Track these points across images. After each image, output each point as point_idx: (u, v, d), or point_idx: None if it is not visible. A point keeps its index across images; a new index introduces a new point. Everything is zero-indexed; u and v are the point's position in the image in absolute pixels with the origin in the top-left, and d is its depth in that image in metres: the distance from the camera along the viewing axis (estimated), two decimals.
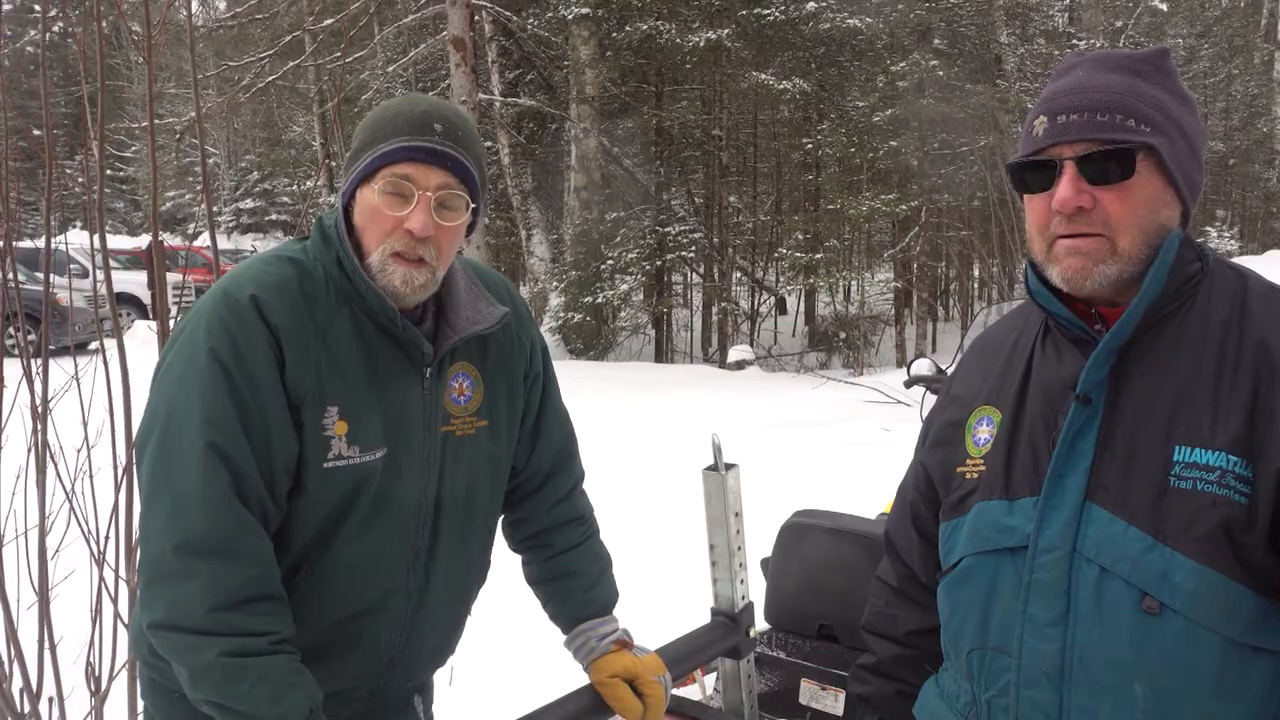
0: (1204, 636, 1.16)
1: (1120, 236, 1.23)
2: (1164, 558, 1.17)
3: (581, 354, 14.70)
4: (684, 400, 9.91)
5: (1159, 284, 1.23)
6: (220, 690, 1.35)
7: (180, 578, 1.37)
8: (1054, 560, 1.23)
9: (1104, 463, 1.23)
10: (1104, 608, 1.19)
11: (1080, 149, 1.23)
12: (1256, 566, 1.16)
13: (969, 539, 1.33)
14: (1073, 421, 1.26)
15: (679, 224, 15.70)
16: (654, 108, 15.71)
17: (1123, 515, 1.20)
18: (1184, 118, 1.27)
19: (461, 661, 3.70)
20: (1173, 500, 1.18)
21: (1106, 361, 1.26)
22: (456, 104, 1.68)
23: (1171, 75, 1.29)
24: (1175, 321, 1.26)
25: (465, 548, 1.68)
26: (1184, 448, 1.19)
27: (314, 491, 1.48)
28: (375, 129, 1.50)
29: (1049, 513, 1.24)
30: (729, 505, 2.06)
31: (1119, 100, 1.24)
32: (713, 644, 2.08)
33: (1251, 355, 1.20)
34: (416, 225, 1.46)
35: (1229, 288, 1.27)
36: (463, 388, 1.64)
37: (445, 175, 1.48)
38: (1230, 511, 1.15)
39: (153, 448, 1.43)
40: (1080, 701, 1.21)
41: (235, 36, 19.47)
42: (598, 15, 14.35)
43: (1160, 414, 1.22)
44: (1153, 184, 1.24)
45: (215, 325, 1.43)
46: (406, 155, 1.46)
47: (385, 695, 1.68)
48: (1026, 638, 1.25)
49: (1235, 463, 1.16)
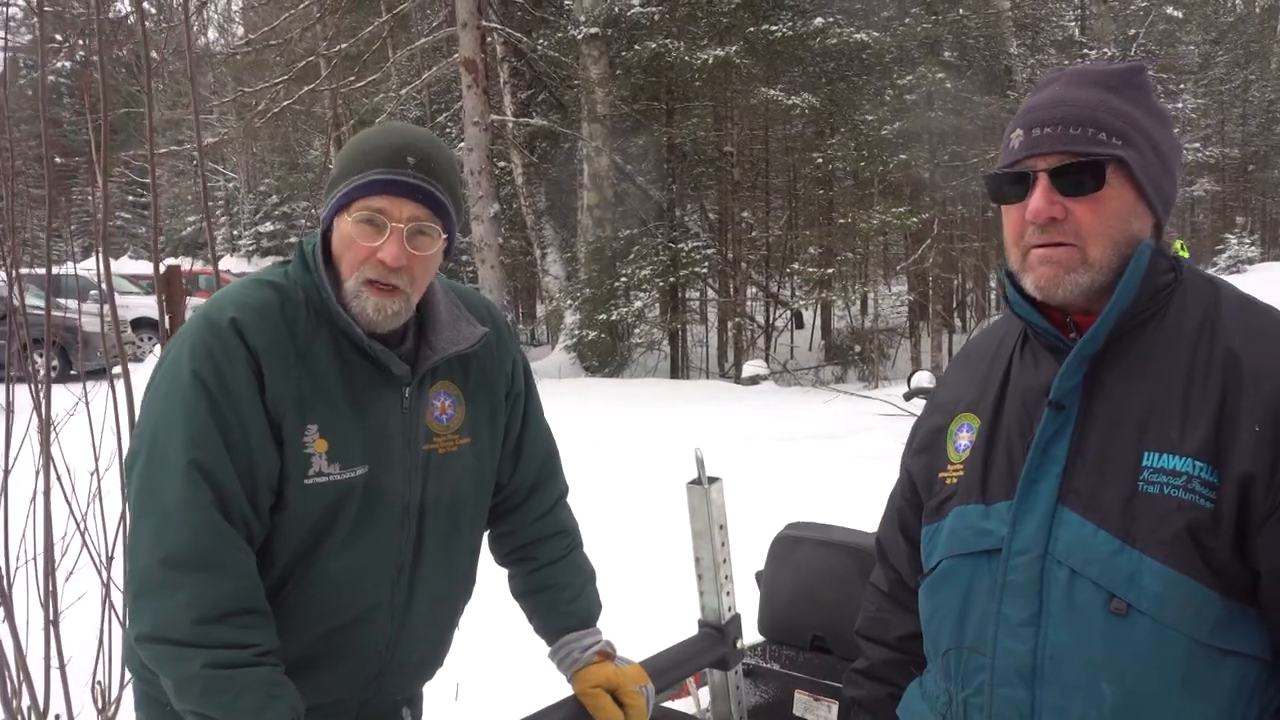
0: (1171, 637, 1.19)
1: (1091, 246, 1.27)
2: (1132, 560, 1.20)
3: (597, 371, 14.75)
4: (696, 415, 9.93)
5: (1130, 293, 1.26)
6: (204, 701, 1.40)
7: (166, 591, 1.42)
8: (1027, 562, 1.26)
9: (1076, 467, 1.26)
10: (1074, 609, 1.23)
11: (1053, 161, 1.27)
12: (1223, 570, 1.19)
13: (947, 542, 1.37)
14: (1045, 427, 1.29)
15: (692, 240, 15.76)
16: (665, 125, 15.79)
17: (1093, 519, 1.23)
18: (1156, 132, 1.31)
19: (467, 676, 3.75)
20: (1141, 504, 1.21)
21: (1079, 368, 1.29)
22: (434, 134, 1.73)
23: (1145, 90, 1.33)
24: (1148, 330, 1.29)
25: (449, 563, 1.72)
26: (1153, 453, 1.22)
27: (295, 507, 1.52)
28: (351, 160, 1.54)
29: (1022, 516, 1.28)
30: (713, 518, 2.09)
31: (1091, 114, 1.27)
32: (699, 655, 2.11)
33: (1221, 364, 1.23)
34: (389, 256, 1.50)
35: (1202, 297, 1.30)
36: (445, 406, 1.68)
37: (417, 207, 1.52)
38: (1196, 516, 1.18)
39: (140, 466, 1.49)
40: (1052, 700, 1.24)
41: (252, 62, 19.74)
42: (607, 35, 14.47)
43: (1131, 420, 1.25)
44: (1124, 196, 1.28)
45: (198, 347, 1.49)
46: (380, 188, 1.51)
47: (373, 707, 1.71)
48: (1000, 638, 1.28)
49: (1202, 468, 1.19)
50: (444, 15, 16.49)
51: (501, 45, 16.52)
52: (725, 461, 7.77)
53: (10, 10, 7.33)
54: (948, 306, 19.30)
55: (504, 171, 17.24)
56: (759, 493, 6.25)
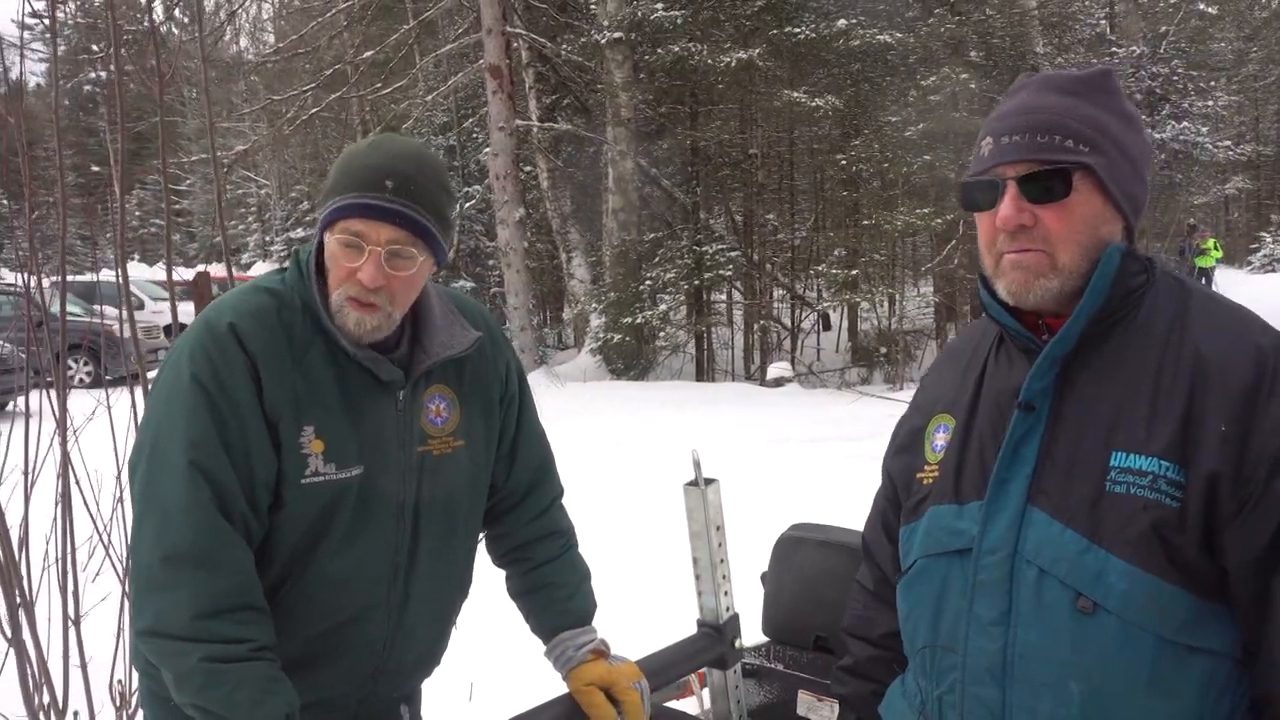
0: (1137, 635, 1.20)
1: (1060, 252, 1.29)
2: (1099, 559, 1.22)
3: (622, 373, 14.79)
4: (718, 417, 9.95)
5: (1099, 295, 1.28)
6: (202, 694, 1.45)
7: (166, 587, 1.47)
8: (996, 561, 1.28)
9: (1046, 468, 1.28)
10: (1042, 607, 1.25)
11: (1021, 169, 1.29)
12: (1190, 568, 1.20)
13: (922, 541, 1.39)
14: (1015, 428, 1.31)
15: (717, 243, 15.76)
16: (689, 128, 15.81)
17: (1061, 518, 1.25)
18: (1124, 136, 1.32)
19: (480, 676, 3.80)
20: (1108, 504, 1.23)
21: (1050, 370, 1.31)
22: (422, 151, 1.76)
23: (1113, 95, 1.34)
24: (1119, 331, 1.30)
25: (445, 563, 1.76)
26: (1121, 453, 1.23)
27: (293, 507, 1.57)
28: (338, 178, 1.59)
29: (992, 516, 1.30)
30: (710, 519, 2.12)
31: (1059, 121, 1.29)
32: (697, 654, 2.14)
33: (1189, 364, 1.24)
34: (366, 277, 1.55)
35: (1172, 298, 1.31)
36: (440, 409, 1.73)
37: (395, 230, 1.55)
38: (1161, 515, 1.20)
39: (143, 466, 1.55)
40: (1021, 698, 1.26)
41: (281, 70, 19.98)
42: (631, 39, 14.50)
43: (1100, 421, 1.27)
44: (1091, 202, 1.30)
45: (197, 352, 1.54)
46: (358, 211, 1.55)
47: (371, 704, 1.75)
48: (972, 636, 1.30)
49: (1168, 467, 1.21)
50: (469, 21, 16.61)
51: (526, 50, 16.61)
52: (745, 464, 7.81)
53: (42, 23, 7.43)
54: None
55: (529, 176, 17.33)
56: (774, 494, 6.27)
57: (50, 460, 2.87)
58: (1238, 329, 1.27)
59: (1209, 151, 17.94)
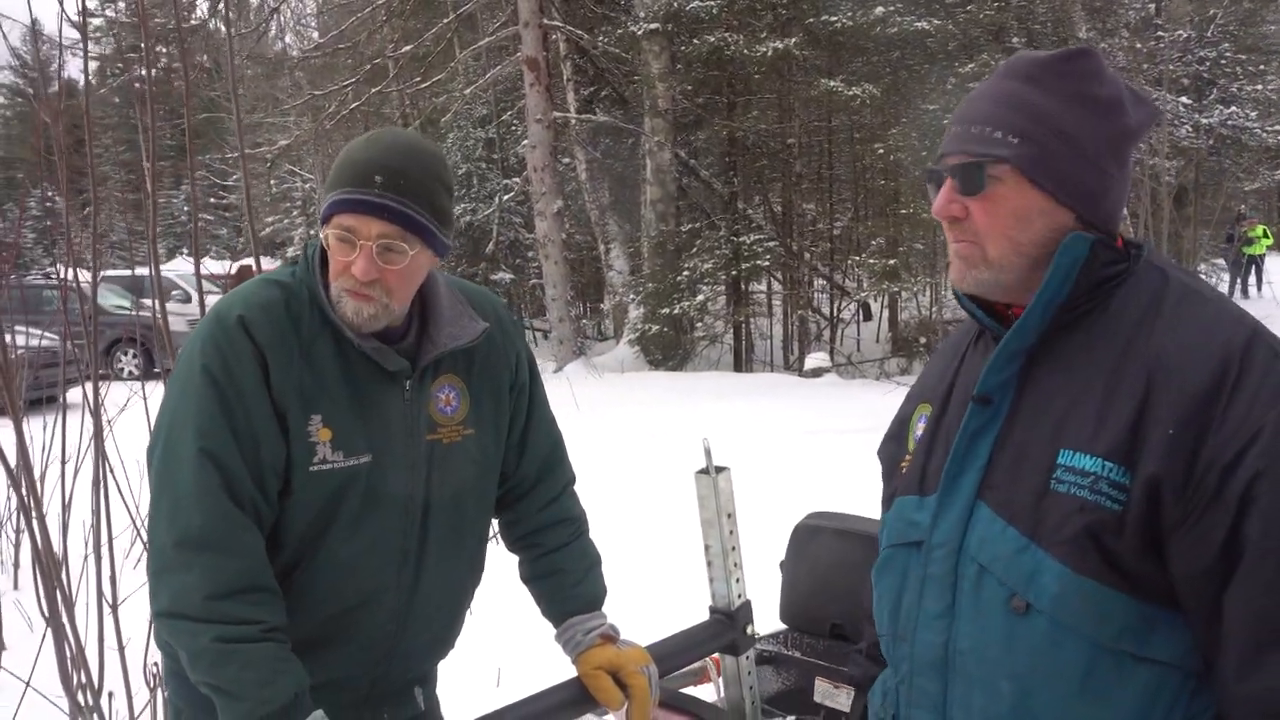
0: (1069, 639, 1.16)
1: (988, 245, 1.27)
2: (1035, 559, 1.18)
3: (661, 364, 14.81)
4: (753, 408, 9.94)
5: (1055, 286, 1.24)
6: (213, 673, 1.50)
7: (180, 570, 1.53)
8: (943, 556, 1.27)
9: (998, 463, 1.25)
10: (980, 604, 1.23)
11: (955, 160, 1.28)
12: (1132, 573, 1.15)
13: (888, 531, 1.40)
14: (969, 421, 1.29)
15: (755, 233, 15.71)
16: (726, 118, 15.77)
17: (1004, 515, 1.22)
18: (1076, 123, 1.25)
19: (508, 661, 3.86)
20: (1050, 503, 1.18)
21: (1008, 363, 1.27)
22: (416, 143, 1.78)
23: (1073, 78, 1.26)
24: (1087, 323, 1.25)
25: (455, 549, 1.80)
26: (1068, 451, 1.19)
27: (301, 493, 1.62)
28: (334, 173, 1.64)
29: (943, 510, 1.28)
30: (721, 506, 2.14)
31: (994, 112, 1.26)
32: (709, 640, 2.17)
33: (1148, 361, 1.17)
34: (359, 271, 1.59)
35: (1149, 289, 1.24)
36: (449, 399, 1.77)
37: (385, 225, 1.59)
38: (1099, 517, 1.15)
39: (158, 453, 1.61)
40: (959, 693, 1.26)
41: (323, 65, 20.19)
42: (668, 29, 14.49)
43: (1052, 416, 1.22)
44: (1021, 195, 1.25)
45: (208, 343, 1.60)
46: (349, 207, 1.59)
47: (384, 685, 1.80)
48: (919, 628, 1.29)
49: (1111, 469, 1.15)
50: (508, 14, 16.68)
51: (564, 43, 16.65)
52: (779, 454, 7.81)
53: (95, 21, 7.55)
54: None
55: (567, 168, 17.39)
56: (804, 484, 6.27)
57: (92, 451, 2.96)
58: (1208, 325, 1.18)
59: (1259, 137, 17.54)
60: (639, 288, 15.48)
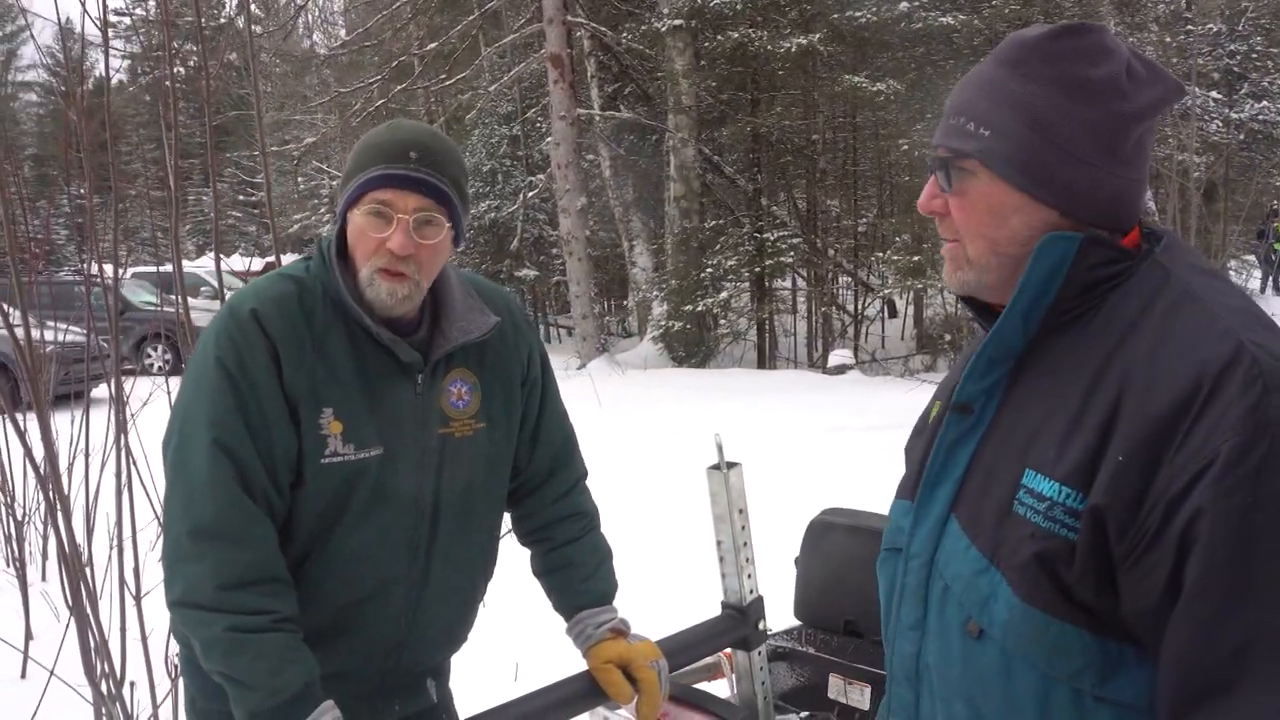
0: (1020, 669, 1.09)
1: (968, 244, 1.20)
2: (992, 582, 1.11)
3: (684, 361, 14.82)
4: (776, 405, 9.93)
5: (1033, 290, 1.14)
6: (225, 662, 1.53)
7: (193, 560, 1.56)
8: (917, 567, 1.22)
9: (972, 477, 1.18)
10: (944, 623, 1.17)
11: (936, 154, 1.21)
12: (1093, 608, 1.05)
13: (886, 534, 1.35)
14: (946, 430, 1.22)
15: (779, 229, 15.68)
16: (750, 114, 15.74)
17: (969, 533, 1.15)
18: (1053, 112, 1.13)
19: (526, 656, 3.88)
20: (1009, 525, 1.10)
21: (988, 371, 1.19)
22: (439, 131, 1.84)
23: (1059, 61, 1.13)
24: (1077, 329, 1.14)
25: (466, 542, 1.82)
26: (1032, 472, 1.10)
27: (313, 485, 1.64)
28: (360, 158, 1.66)
29: (920, 520, 1.23)
30: (733, 502, 2.15)
31: (968, 102, 1.18)
32: (720, 635, 2.18)
33: (1122, 376, 1.06)
34: (396, 245, 1.62)
35: (1145, 292, 1.11)
36: (461, 393, 1.79)
37: (421, 199, 1.63)
38: (1050, 545, 1.06)
39: (173, 445, 1.64)
40: (926, 706, 1.22)
41: (350, 63, 20.33)
42: (691, 26, 14.48)
43: (1026, 431, 1.13)
44: (993, 189, 1.16)
45: (221, 336, 1.62)
46: (385, 182, 1.62)
47: (396, 676, 1.82)
48: (897, 637, 1.26)
49: (1069, 494, 1.05)
50: (532, 11, 16.72)
51: (588, 40, 16.68)
52: (799, 451, 7.79)
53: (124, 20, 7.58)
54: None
55: (591, 164, 17.42)
56: (824, 481, 6.26)
57: (116, 444, 3.01)
58: (1191, 338, 1.04)
59: None
60: (662, 284, 15.49)
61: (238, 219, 38.41)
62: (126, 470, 2.84)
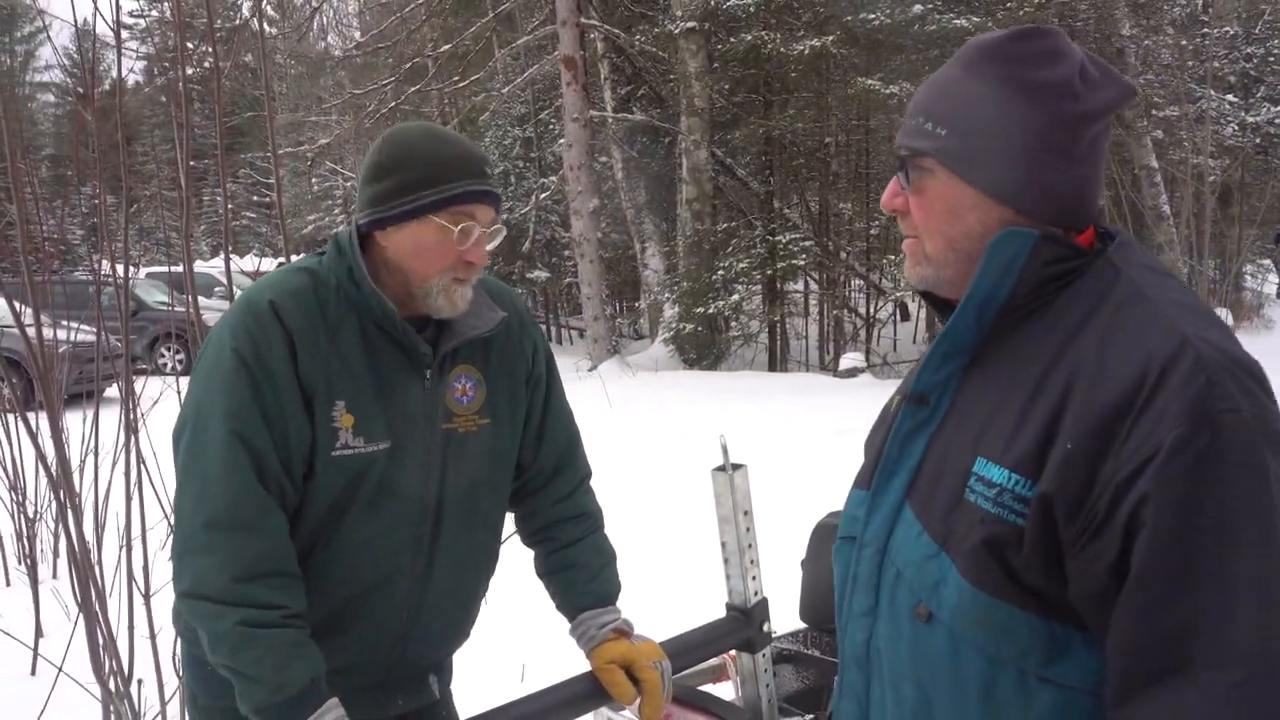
0: (968, 652, 1.13)
1: (926, 240, 1.24)
2: (942, 567, 1.15)
3: (695, 364, 14.81)
4: (786, 407, 9.91)
5: (987, 286, 1.18)
6: (234, 656, 1.53)
7: (205, 551, 1.56)
8: (870, 555, 1.25)
9: (926, 466, 1.22)
10: (895, 608, 1.21)
11: (899, 153, 1.25)
12: (1040, 592, 1.09)
13: (841, 523, 1.38)
14: (903, 421, 1.26)
15: (791, 232, 15.66)
16: (763, 117, 15.73)
17: (921, 519, 1.19)
18: (1004, 112, 1.16)
19: (532, 657, 3.88)
20: (961, 512, 1.14)
21: (943, 363, 1.24)
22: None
23: (1013, 63, 1.17)
24: (1028, 325, 1.18)
25: (469, 536, 1.83)
26: (983, 460, 1.14)
27: (323, 477, 1.65)
28: (429, 167, 1.66)
29: (875, 509, 1.27)
30: (737, 504, 2.15)
31: (928, 102, 1.23)
32: (724, 637, 2.17)
33: (1071, 369, 1.10)
34: (478, 258, 1.69)
35: (1096, 290, 1.15)
36: (466, 388, 1.80)
37: (493, 212, 1.71)
38: (998, 531, 1.10)
39: (186, 436, 1.64)
40: (876, 691, 1.26)
41: (364, 64, 20.40)
42: (705, 28, 14.48)
43: (977, 422, 1.17)
44: (950, 188, 1.20)
45: (238, 328, 1.63)
46: (474, 197, 1.68)
47: (399, 671, 1.83)
48: (849, 624, 1.29)
49: (1018, 481, 1.09)
50: (546, 14, 16.76)
51: (601, 42, 16.70)
52: (808, 453, 7.76)
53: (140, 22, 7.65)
54: None
55: (604, 166, 17.44)
56: (831, 484, 6.24)
57: (126, 443, 3.03)
58: (1137, 332, 1.09)
59: None
60: (674, 287, 15.49)
61: (251, 220, 38.58)
62: (137, 470, 2.85)
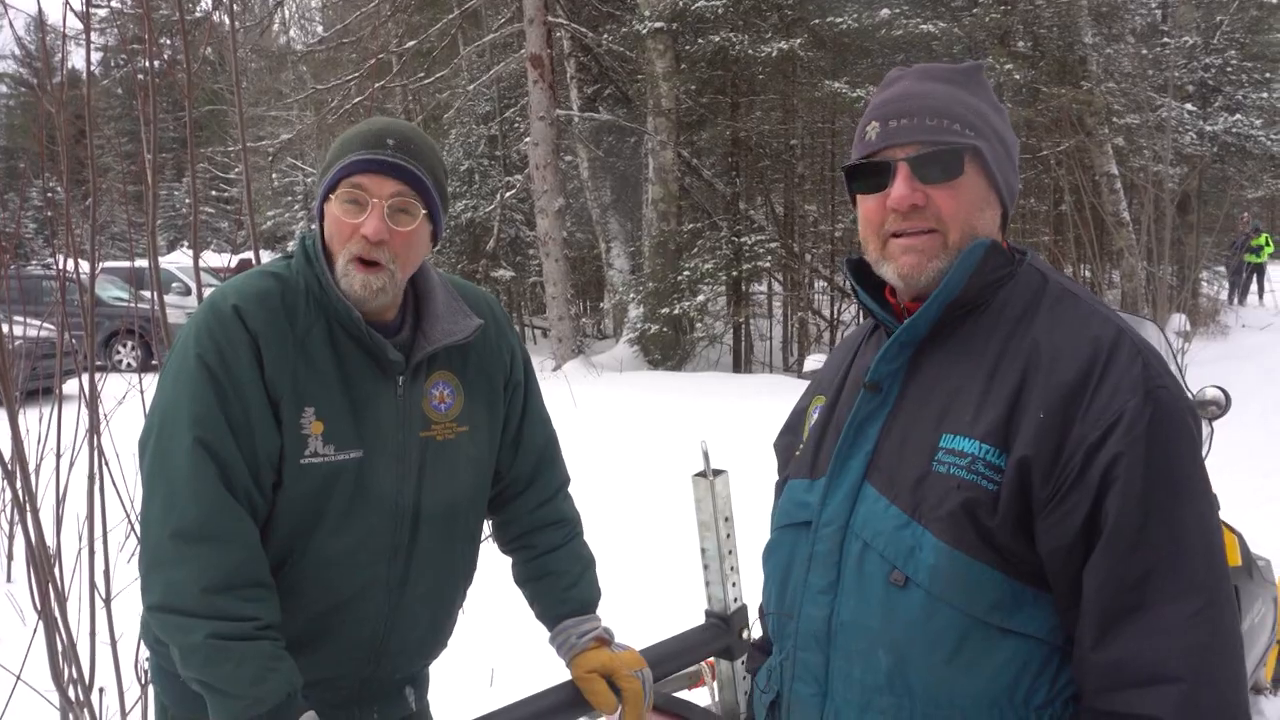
0: (943, 610, 1.23)
1: (951, 231, 1.33)
2: (915, 534, 1.26)
3: (660, 364, 14.80)
4: (751, 409, 9.91)
5: (955, 286, 1.32)
6: (206, 670, 1.48)
7: (175, 563, 1.51)
8: (830, 534, 1.35)
9: (884, 447, 1.33)
10: (862, 579, 1.30)
11: (912, 150, 1.33)
12: (1005, 550, 1.23)
13: (777, 514, 1.48)
14: (860, 408, 1.37)
15: (756, 234, 15.69)
16: (729, 118, 15.74)
17: (888, 494, 1.30)
18: (1000, 126, 1.38)
19: (501, 662, 3.84)
20: (930, 482, 1.27)
21: (898, 354, 1.36)
22: (413, 126, 1.86)
23: (986, 88, 1.40)
24: (971, 319, 1.34)
25: (446, 547, 1.79)
26: (949, 435, 1.27)
27: (291, 486, 1.60)
28: (337, 149, 1.65)
29: (832, 491, 1.37)
30: (718, 510, 2.13)
31: (946, 106, 1.33)
32: (703, 644, 2.15)
33: (1025, 352, 1.27)
34: (369, 230, 1.59)
35: (1030, 289, 1.34)
36: (443, 395, 1.76)
37: (397, 184, 1.61)
38: (974, 495, 1.23)
39: (151, 445, 1.58)
40: (839, 665, 1.32)
41: (327, 60, 20.19)
42: (672, 29, 14.47)
43: (937, 404, 1.31)
44: (978, 184, 1.35)
45: (203, 334, 1.58)
46: (361, 167, 1.60)
47: (374, 683, 1.78)
48: (804, 604, 1.36)
49: (988, 450, 1.24)
50: (512, 11, 16.67)
51: (568, 40, 16.64)
52: (772, 455, 7.75)
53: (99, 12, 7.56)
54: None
55: (570, 166, 17.37)
56: None
57: (88, 443, 2.95)
58: (1079, 322, 1.28)
59: (1263, 144, 17.51)
60: (639, 287, 15.46)
61: (210, 215, 38.04)
62: (98, 469, 2.77)
